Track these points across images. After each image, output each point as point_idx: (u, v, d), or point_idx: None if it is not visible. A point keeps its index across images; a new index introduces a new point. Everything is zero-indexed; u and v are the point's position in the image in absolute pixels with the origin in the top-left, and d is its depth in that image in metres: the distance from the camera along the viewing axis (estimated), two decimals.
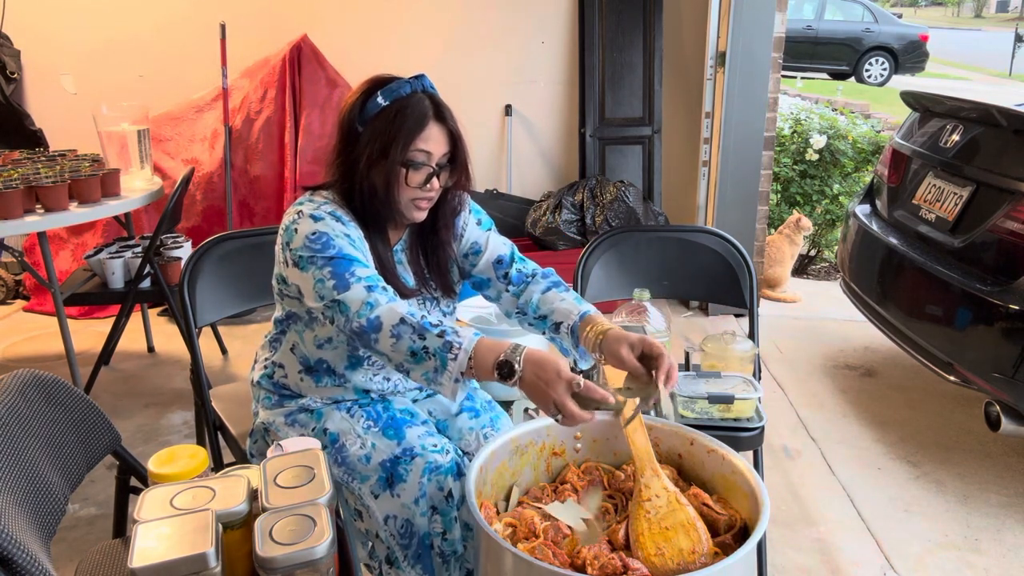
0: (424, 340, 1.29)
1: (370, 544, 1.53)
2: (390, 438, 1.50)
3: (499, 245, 1.65)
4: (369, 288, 1.35)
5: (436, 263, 1.59)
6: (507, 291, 1.63)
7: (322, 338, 1.54)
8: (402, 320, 1.30)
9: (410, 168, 1.43)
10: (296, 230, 1.42)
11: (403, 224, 1.57)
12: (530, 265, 1.66)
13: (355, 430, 1.53)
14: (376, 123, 1.42)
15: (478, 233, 1.65)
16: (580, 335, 1.49)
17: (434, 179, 1.46)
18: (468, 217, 1.64)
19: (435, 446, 1.50)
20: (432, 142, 1.43)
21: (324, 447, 1.53)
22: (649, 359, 1.37)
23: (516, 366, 1.25)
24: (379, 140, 1.41)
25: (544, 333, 1.59)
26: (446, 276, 1.61)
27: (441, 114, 1.45)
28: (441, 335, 1.28)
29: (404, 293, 1.51)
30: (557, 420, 1.25)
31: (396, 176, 1.43)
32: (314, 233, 1.40)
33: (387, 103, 1.42)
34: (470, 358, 1.27)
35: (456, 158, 1.49)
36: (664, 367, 1.34)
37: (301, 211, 1.44)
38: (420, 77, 1.46)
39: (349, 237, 1.42)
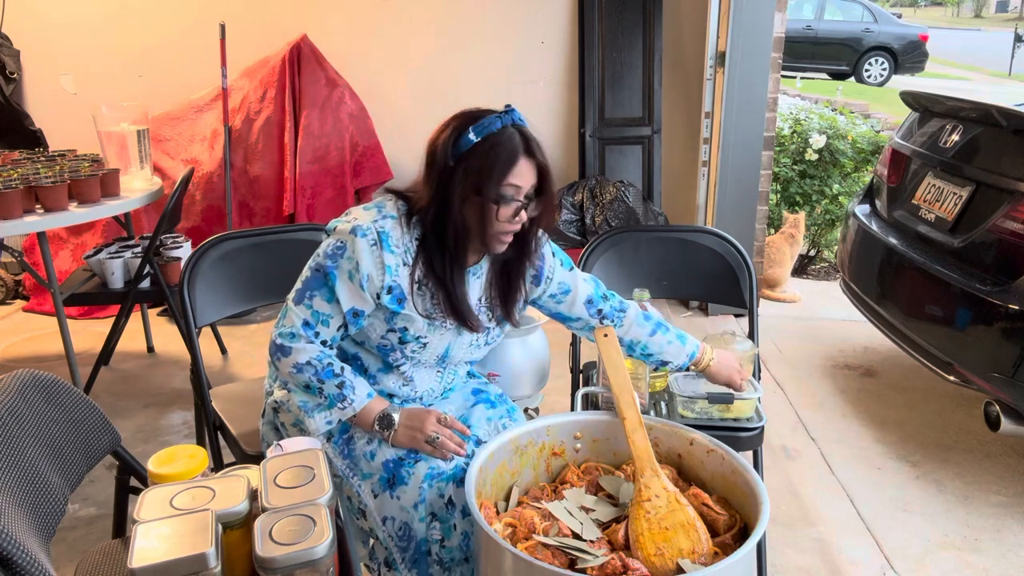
0: (322, 384, 1.47)
1: (371, 543, 1.53)
2: None
3: (584, 284, 1.67)
4: (305, 323, 1.47)
5: (509, 294, 1.59)
6: (602, 326, 1.67)
7: (359, 338, 1.55)
8: (308, 362, 1.46)
9: (501, 203, 1.43)
10: (336, 228, 1.48)
11: (484, 253, 1.57)
12: (616, 297, 1.70)
13: None
14: (469, 160, 1.41)
15: (564, 274, 1.66)
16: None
17: (521, 211, 1.46)
18: (553, 261, 1.64)
19: None
20: (522, 177, 1.43)
21: (331, 436, 1.53)
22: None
23: (394, 415, 1.49)
24: (471, 177, 1.41)
25: (646, 361, 1.73)
26: (512, 307, 1.60)
27: (530, 148, 1.44)
28: (340, 386, 1.47)
29: (468, 323, 1.52)
30: (432, 441, 1.46)
31: (488, 212, 1.43)
32: (340, 242, 1.45)
33: (478, 139, 1.41)
34: (355, 414, 1.49)
35: (544, 190, 1.48)
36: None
37: (357, 218, 1.46)
38: (510, 111, 1.46)
39: (359, 269, 1.42)
